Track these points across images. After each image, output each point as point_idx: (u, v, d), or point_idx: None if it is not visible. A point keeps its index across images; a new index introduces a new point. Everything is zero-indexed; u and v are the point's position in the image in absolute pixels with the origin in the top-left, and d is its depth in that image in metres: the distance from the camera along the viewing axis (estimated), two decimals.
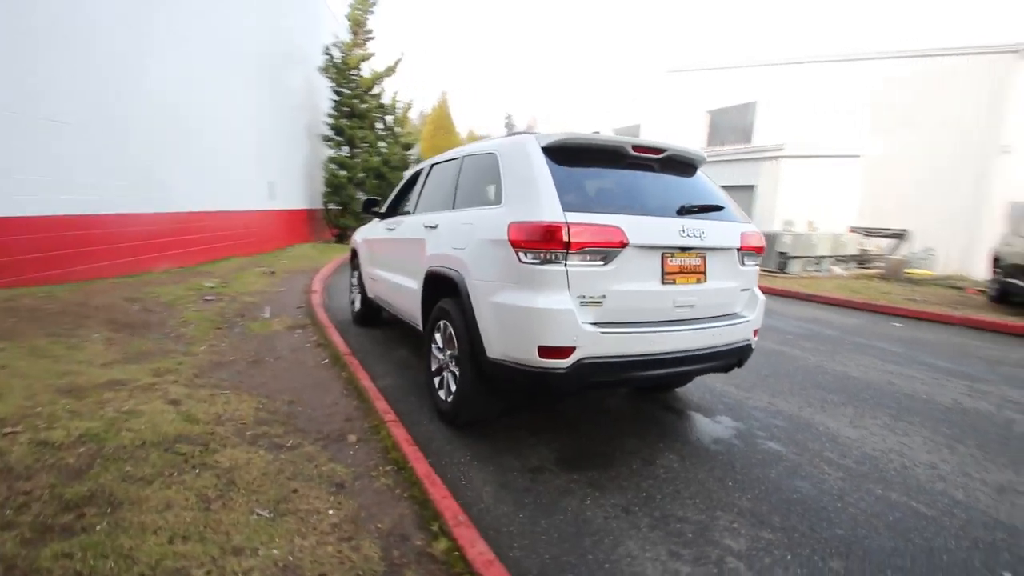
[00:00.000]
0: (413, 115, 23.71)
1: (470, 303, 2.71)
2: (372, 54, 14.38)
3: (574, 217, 2.40)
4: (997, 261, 8.24)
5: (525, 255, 2.43)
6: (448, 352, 3.04)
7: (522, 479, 2.50)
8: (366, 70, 14.40)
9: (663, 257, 2.60)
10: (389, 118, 16.70)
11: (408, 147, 23.78)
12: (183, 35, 8.15)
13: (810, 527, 2.21)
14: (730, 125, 19.11)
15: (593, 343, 2.40)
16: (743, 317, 2.93)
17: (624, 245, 2.46)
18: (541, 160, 2.62)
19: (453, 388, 2.96)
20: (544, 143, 2.72)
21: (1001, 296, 7.83)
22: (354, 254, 5.66)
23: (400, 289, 3.94)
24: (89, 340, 3.86)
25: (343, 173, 13.95)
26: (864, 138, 14.64)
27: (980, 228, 12.70)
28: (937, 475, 2.73)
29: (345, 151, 14.36)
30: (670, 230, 2.61)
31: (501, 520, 2.14)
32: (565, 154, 2.69)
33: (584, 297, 2.42)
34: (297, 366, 3.94)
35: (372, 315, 5.41)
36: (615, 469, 2.65)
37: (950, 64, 13.45)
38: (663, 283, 2.60)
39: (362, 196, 14.41)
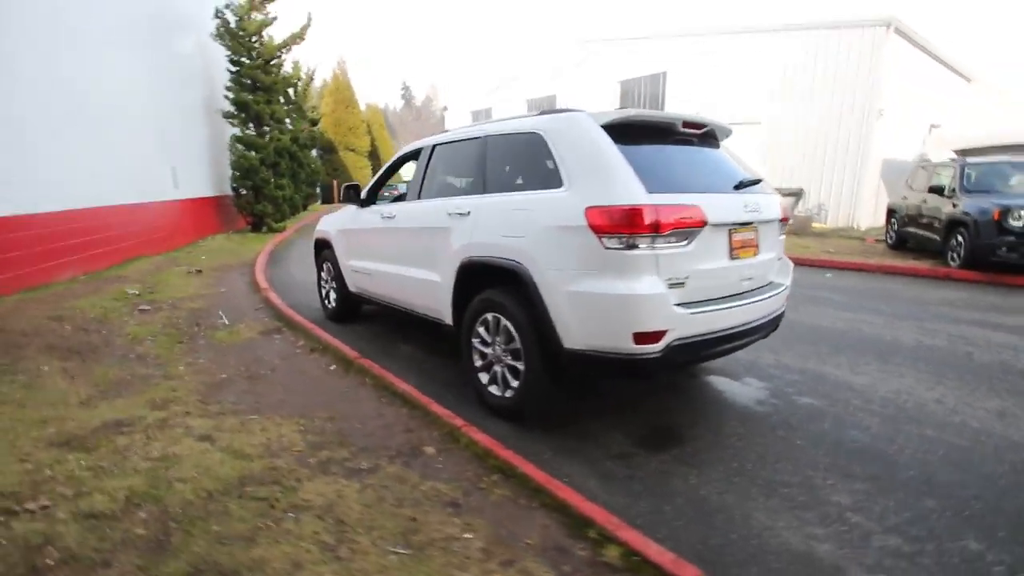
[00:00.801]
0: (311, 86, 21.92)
1: (539, 294, 2.58)
2: (274, 18, 12.97)
3: (657, 199, 2.35)
4: (892, 213, 9.43)
5: (609, 240, 2.35)
6: (502, 346, 2.89)
7: (618, 467, 2.47)
8: (269, 36, 12.99)
9: (730, 233, 2.64)
10: (291, 91, 15.30)
11: (315, 122, 22.16)
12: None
13: (888, 472, 2.42)
14: (641, 95, 19.82)
15: (684, 324, 2.40)
16: (782, 285, 3.09)
17: (704, 224, 2.45)
18: (607, 139, 2.52)
19: (514, 383, 2.83)
20: (603, 121, 2.61)
21: (898, 243, 9.01)
22: (322, 246, 5.18)
23: (411, 282, 3.67)
24: (41, 374, 3.19)
25: (253, 154, 12.62)
26: (764, 105, 15.89)
27: (861, 184, 14.44)
28: (948, 409, 3.10)
29: (252, 129, 12.97)
30: (736, 206, 2.65)
31: (628, 513, 2.10)
32: (620, 132, 2.61)
33: (671, 279, 2.40)
34: (303, 376, 3.56)
35: (351, 310, 5.02)
36: (692, 443, 2.71)
37: (835, 36, 14.88)
38: (731, 259, 2.65)
39: (274, 178, 13.24)
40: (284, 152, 13.46)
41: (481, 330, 3.03)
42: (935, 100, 17.26)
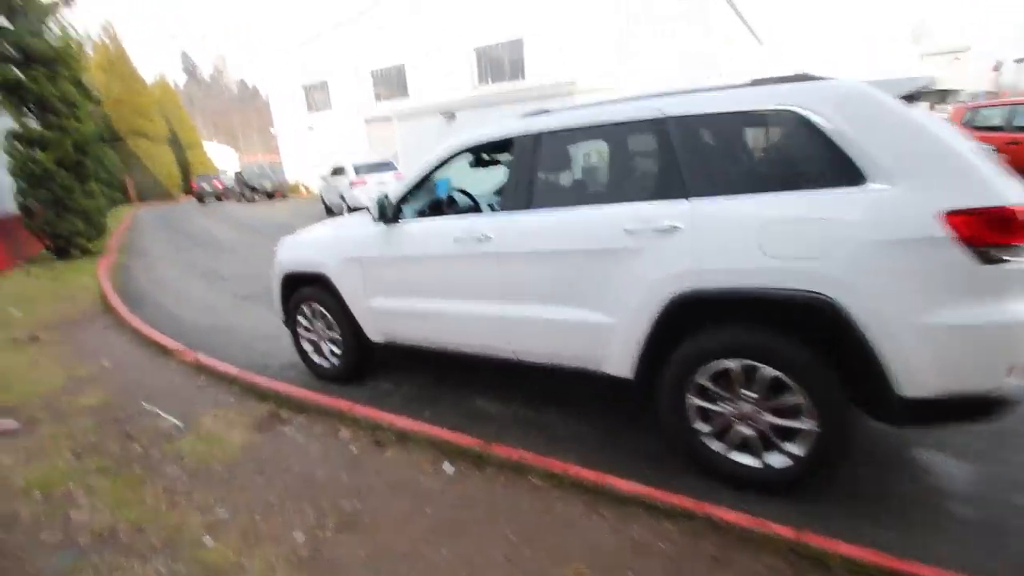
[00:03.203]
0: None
1: (861, 332, 1.88)
2: None
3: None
4: None
5: (988, 253, 1.74)
6: (759, 402, 2.14)
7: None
8: None
9: None
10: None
11: (98, 103, 17.35)
12: None
13: None
14: (499, 62, 19.19)
15: None
16: None
17: None
18: (933, 117, 1.87)
19: (797, 450, 2.11)
20: (901, 91, 1.95)
21: None
22: (301, 282, 3.67)
23: (534, 325, 2.64)
24: None
25: (43, 154, 9.15)
26: (621, 71, 16.46)
27: None
28: None
29: (33, 119, 9.36)
30: None
31: None
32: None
33: None
34: (427, 502, 2.35)
35: (365, 365, 3.68)
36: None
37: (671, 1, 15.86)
38: None
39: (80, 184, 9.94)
40: (87, 148, 10.07)
41: (708, 384, 2.23)
42: (736, 57, 19.64)
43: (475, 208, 3.61)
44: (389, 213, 3.07)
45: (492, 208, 3.76)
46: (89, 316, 6.10)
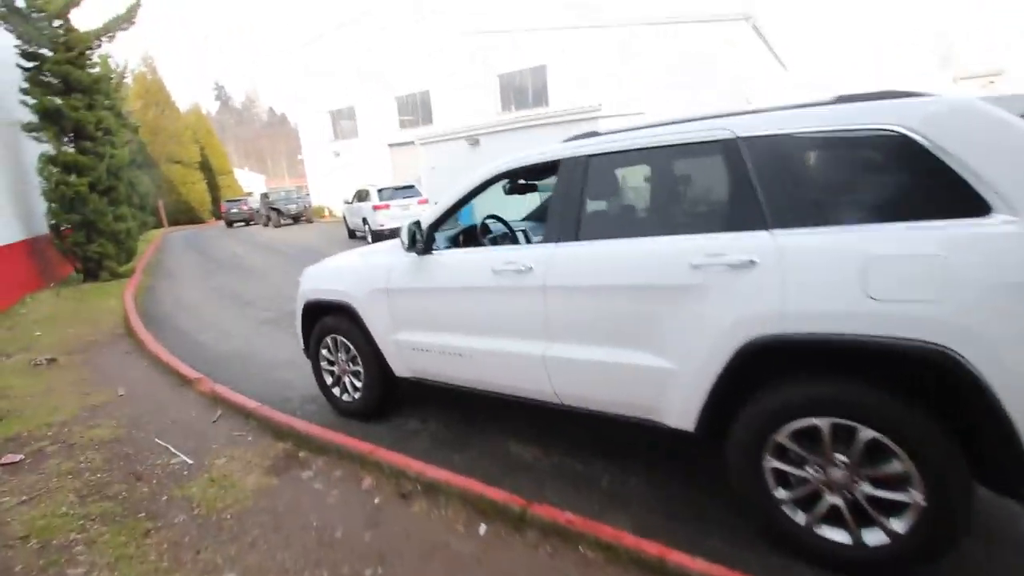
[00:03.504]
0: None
1: (990, 392, 1.56)
2: None
3: None
4: None
5: None
6: (858, 468, 1.82)
7: None
8: (77, 20, 9.65)
9: None
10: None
11: (135, 130, 17.89)
12: None
13: None
14: (522, 89, 19.33)
15: None
16: None
17: None
18: None
19: (899, 526, 1.76)
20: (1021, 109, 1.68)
21: None
22: (324, 312, 3.47)
23: (584, 368, 2.37)
24: None
25: (77, 179, 9.30)
26: (645, 98, 16.36)
27: None
28: None
29: (70, 145, 9.57)
30: None
31: None
32: None
33: None
34: None
35: (389, 400, 3.43)
36: None
37: (702, 29, 15.80)
38: None
39: (122, 209, 10.07)
40: (121, 173, 10.25)
41: (790, 444, 1.92)
42: (762, 86, 19.39)
43: (511, 237, 3.38)
44: (421, 242, 2.85)
45: (526, 236, 3.54)
46: (111, 340, 6.01)
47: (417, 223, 2.85)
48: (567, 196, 2.42)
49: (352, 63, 23.22)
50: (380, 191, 13.66)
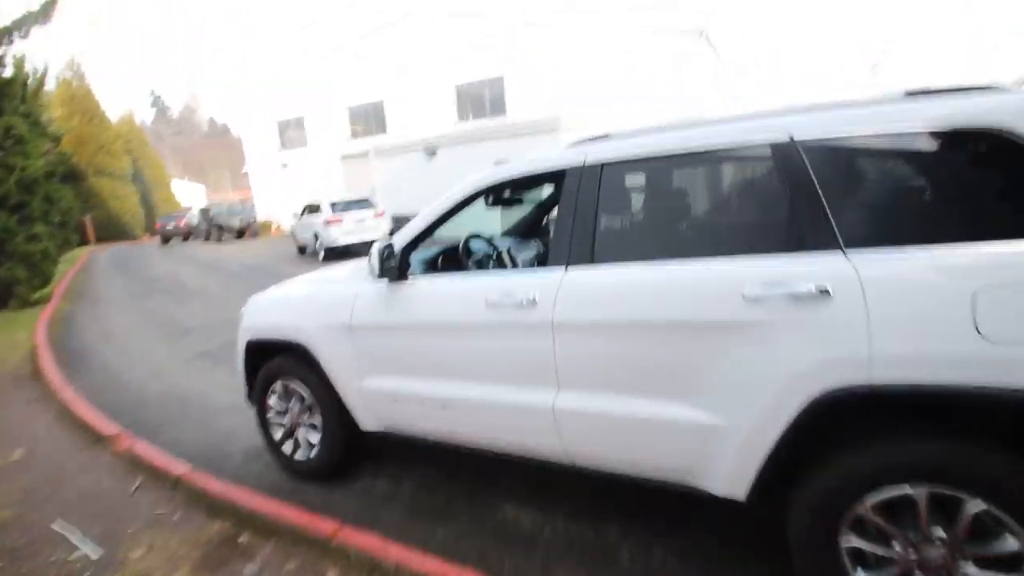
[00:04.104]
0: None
1: None
2: None
3: None
4: None
5: None
6: (962, 546, 1.45)
7: None
8: None
9: None
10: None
11: (57, 139, 16.40)
12: None
13: None
14: (479, 99, 18.97)
15: None
16: None
17: None
18: None
19: None
20: None
21: None
22: (273, 351, 2.88)
23: (602, 421, 1.91)
24: None
25: None
26: (605, 111, 16.34)
27: None
28: None
29: None
30: None
31: None
32: None
33: None
34: None
35: (349, 458, 2.86)
36: None
37: (656, 41, 15.97)
38: None
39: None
40: (35, 187, 9.12)
41: (874, 517, 1.53)
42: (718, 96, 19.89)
43: (499, 259, 2.91)
44: (394, 268, 2.33)
45: (510, 256, 3.07)
46: (13, 384, 5.11)
47: (389, 245, 2.34)
48: (576, 211, 1.97)
49: (301, 71, 22.23)
50: (333, 204, 12.88)
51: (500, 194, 2.71)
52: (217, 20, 25.24)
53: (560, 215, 2.02)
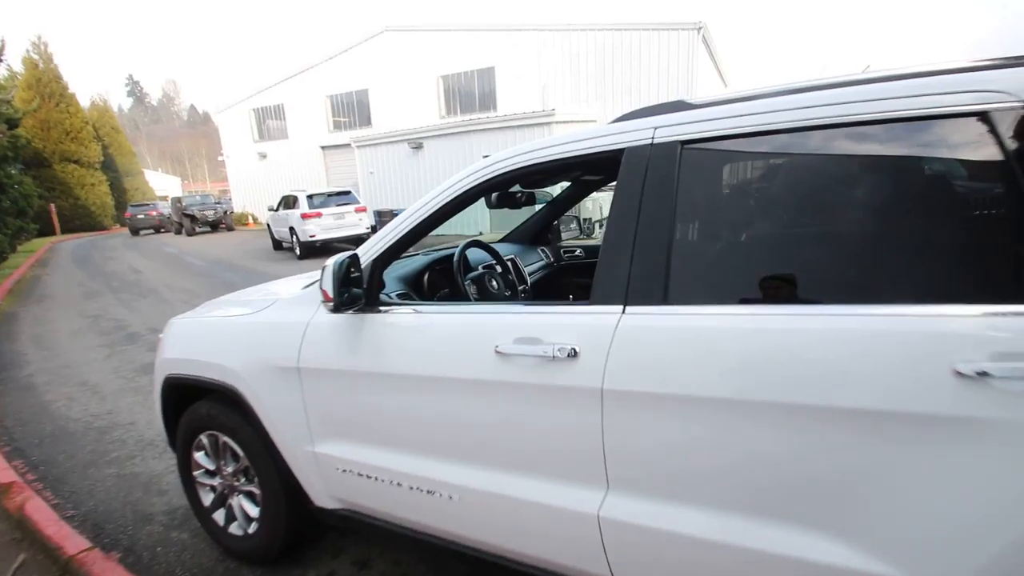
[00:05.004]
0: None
1: None
2: None
3: None
4: None
5: None
6: None
7: None
8: None
9: None
10: None
11: (12, 123, 15.25)
12: None
13: None
14: (468, 92, 18.20)
15: None
16: None
17: None
18: None
19: None
20: None
21: None
22: (200, 391, 2.13)
23: (683, 547, 1.21)
24: None
25: None
26: (591, 102, 15.69)
27: None
28: None
29: None
30: None
31: None
32: None
33: None
34: None
35: (299, 538, 2.13)
36: None
37: (653, 37, 15.37)
38: None
39: None
40: None
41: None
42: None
43: (502, 277, 2.19)
44: (360, 295, 1.61)
45: (517, 271, 2.36)
46: None
47: (354, 258, 1.61)
48: (641, 219, 1.27)
49: (283, 58, 21.19)
50: (310, 197, 12.03)
51: (510, 189, 2.00)
52: (199, 5, 24.04)
53: (613, 224, 1.32)
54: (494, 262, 2.31)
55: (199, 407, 2.12)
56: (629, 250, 1.27)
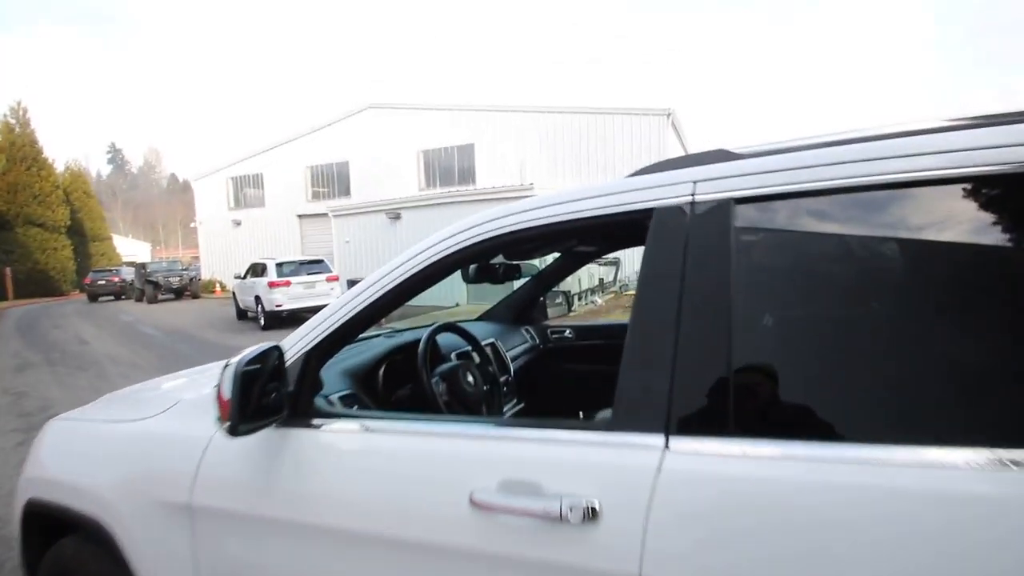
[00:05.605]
0: None
1: None
2: None
3: None
4: None
5: None
6: None
7: None
8: None
9: None
10: None
11: None
12: None
13: None
14: (448, 166, 18.52)
15: None
16: None
17: None
18: None
19: None
20: None
21: None
22: (59, 524, 1.56)
23: None
24: None
25: None
26: (568, 178, 16.06)
27: None
28: None
29: None
30: None
31: None
32: None
33: None
34: None
35: None
36: None
37: (627, 121, 16.09)
38: None
39: None
40: None
41: None
42: None
43: (484, 375, 1.75)
44: (282, 399, 1.14)
45: (504, 366, 1.94)
46: None
47: (276, 351, 1.15)
48: (684, 307, 0.87)
49: (265, 129, 21.50)
50: (279, 265, 11.55)
51: (490, 260, 1.62)
52: (183, 75, 24.67)
53: (643, 313, 0.92)
54: (470, 348, 1.87)
55: (64, 546, 1.55)
56: (671, 351, 0.86)
